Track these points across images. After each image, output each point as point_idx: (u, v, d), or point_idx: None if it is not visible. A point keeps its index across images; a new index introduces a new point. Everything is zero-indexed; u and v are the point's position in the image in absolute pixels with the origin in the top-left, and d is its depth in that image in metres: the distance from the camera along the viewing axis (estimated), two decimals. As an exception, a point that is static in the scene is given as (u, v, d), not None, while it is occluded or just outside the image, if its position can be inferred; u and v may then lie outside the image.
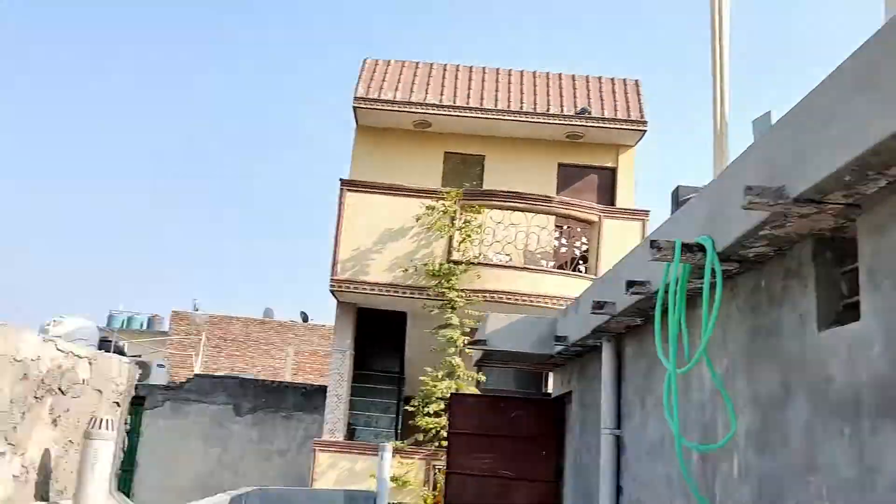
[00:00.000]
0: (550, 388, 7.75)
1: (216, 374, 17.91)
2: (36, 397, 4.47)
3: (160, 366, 19.76)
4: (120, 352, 18.40)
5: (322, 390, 16.21)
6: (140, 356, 19.98)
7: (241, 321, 30.08)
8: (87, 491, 4.55)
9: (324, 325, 29.03)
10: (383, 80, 14.55)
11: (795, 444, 2.62)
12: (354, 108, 13.98)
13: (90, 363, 5.02)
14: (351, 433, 15.07)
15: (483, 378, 8.64)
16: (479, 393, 8.42)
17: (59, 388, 4.68)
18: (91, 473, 4.49)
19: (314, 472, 13.37)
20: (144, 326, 36.41)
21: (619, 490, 4.92)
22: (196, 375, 17.77)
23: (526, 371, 7.73)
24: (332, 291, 12.93)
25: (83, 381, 4.97)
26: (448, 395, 9.90)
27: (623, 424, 4.96)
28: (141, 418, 15.71)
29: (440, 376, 12.30)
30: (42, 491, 4.78)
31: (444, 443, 12.22)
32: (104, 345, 15.99)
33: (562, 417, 7.55)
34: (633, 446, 4.75)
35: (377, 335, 15.28)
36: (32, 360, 4.38)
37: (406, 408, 14.59)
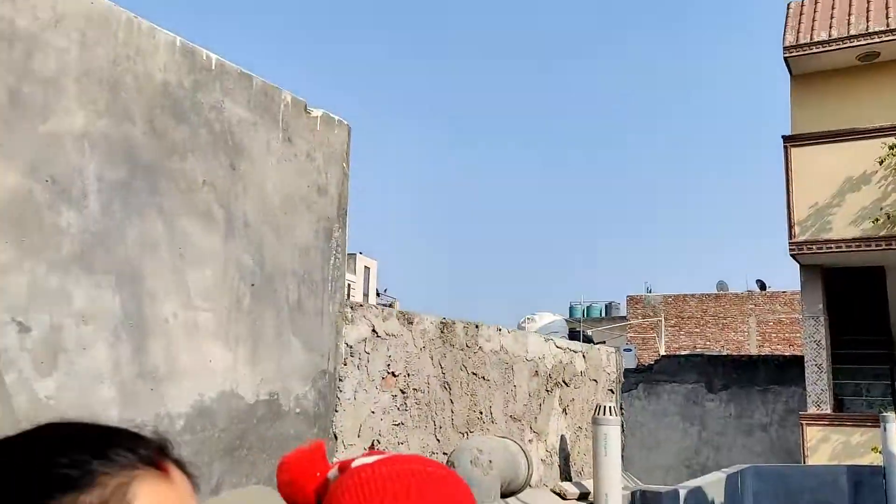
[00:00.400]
0: None
1: (680, 353, 18.04)
2: (546, 390, 5.01)
3: (627, 350, 20.55)
4: (588, 340, 19.54)
5: (795, 361, 15.37)
6: (604, 342, 20.99)
7: (695, 298, 29.84)
8: (602, 471, 4.96)
9: (784, 292, 27.43)
10: (813, 21, 13.35)
11: None
12: (786, 58, 13.05)
13: (584, 356, 5.47)
14: (839, 404, 14.00)
15: None
16: None
17: (563, 381, 5.18)
18: (604, 456, 4.89)
19: (805, 448, 12.72)
20: (603, 314, 38.20)
21: None
22: (662, 356, 18.11)
23: None
24: (792, 255, 12.21)
25: (581, 372, 5.43)
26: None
27: None
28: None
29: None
30: (564, 472, 5.33)
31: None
32: (573, 335, 17.20)
33: None
34: None
35: (850, 295, 14.02)
36: (539, 358, 4.92)
37: (901, 372, 13.06)
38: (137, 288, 2.47)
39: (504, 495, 3.36)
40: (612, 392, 6.02)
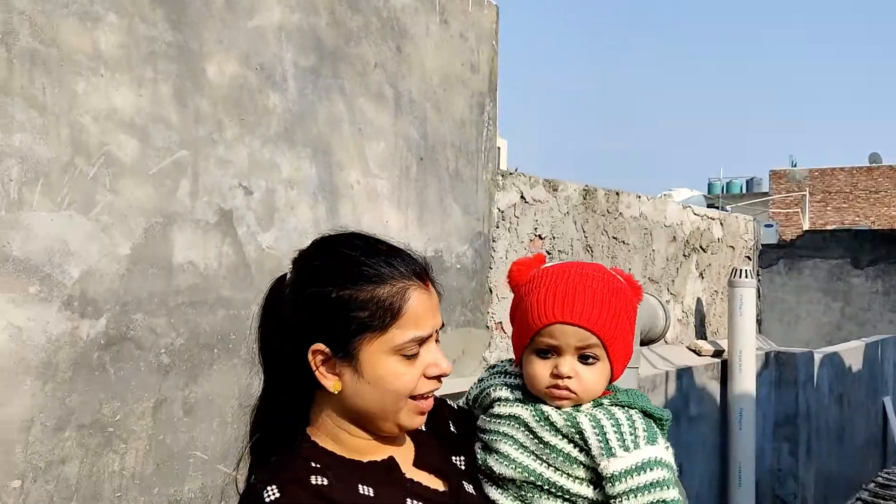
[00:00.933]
0: None
1: (826, 228, 17.48)
2: (684, 255, 5.27)
3: (767, 226, 20.07)
4: (727, 216, 19.11)
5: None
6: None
7: (844, 172, 28.33)
8: (736, 331, 5.23)
9: (945, 163, 25.68)
10: None
11: None
12: None
13: (721, 223, 5.65)
14: None
15: None
16: None
17: (700, 247, 5.41)
18: (739, 317, 5.15)
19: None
20: (743, 190, 36.97)
21: None
22: (806, 232, 17.64)
23: None
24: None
25: (718, 239, 5.62)
26: None
27: None
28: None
29: None
30: (699, 332, 5.64)
31: None
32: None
33: None
34: None
35: None
36: (677, 224, 5.16)
37: None
38: (328, 159, 2.92)
39: (642, 343, 3.73)
40: (749, 259, 6.19)
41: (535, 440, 1.25)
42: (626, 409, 1.26)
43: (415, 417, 1.22)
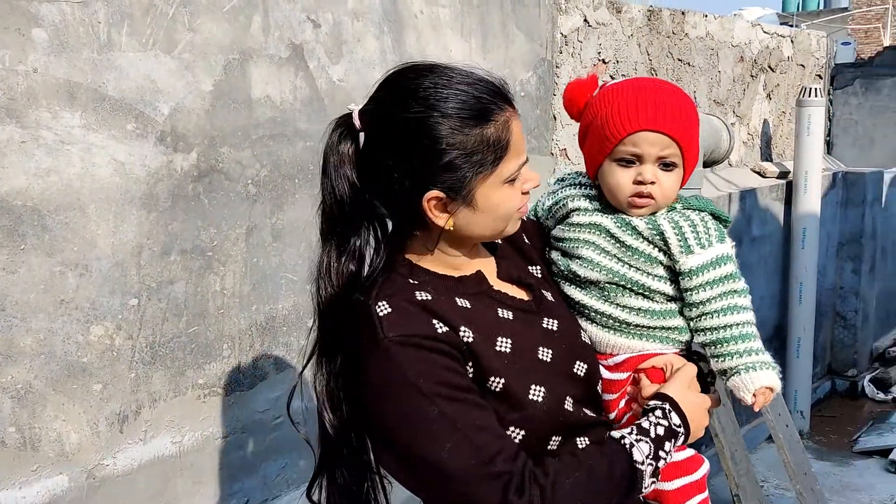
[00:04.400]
0: None
1: (908, 43, 16.46)
2: (751, 75, 5.16)
3: (845, 44, 19.01)
4: (801, 35, 18.16)
5: None
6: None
7: (933, -19, 26.28)
8: (803, 152, 5.19)
9: None
10: None
11: None
12: None
13: (791, 41, 5.47)
14: None
15: None
16: None
17: (769, 66, 5.27)
18: (806, 136, 5.09)
19: None
20: (821, 6, 34.71)
21: None
22: (887, 48, 16.69)
23: None
24: None
25: (787, 58, 5.46)
26: None
27: None
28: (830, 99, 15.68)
29: None
30: (765, 154, 5.61)
31: None
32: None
33: None
34: None
35: None
36: (745, 43, 5.02)
37: None
38: (391, -12, 2.94)
39: (705, 164, 3.78)
40: (820, 78, 6.01)
41: (618, 245, 1.37)
42: (698, 212, 1.37)
43: (517, 224, 1.34)
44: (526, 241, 1.48)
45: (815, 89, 5.11)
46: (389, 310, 1.25)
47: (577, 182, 1.49)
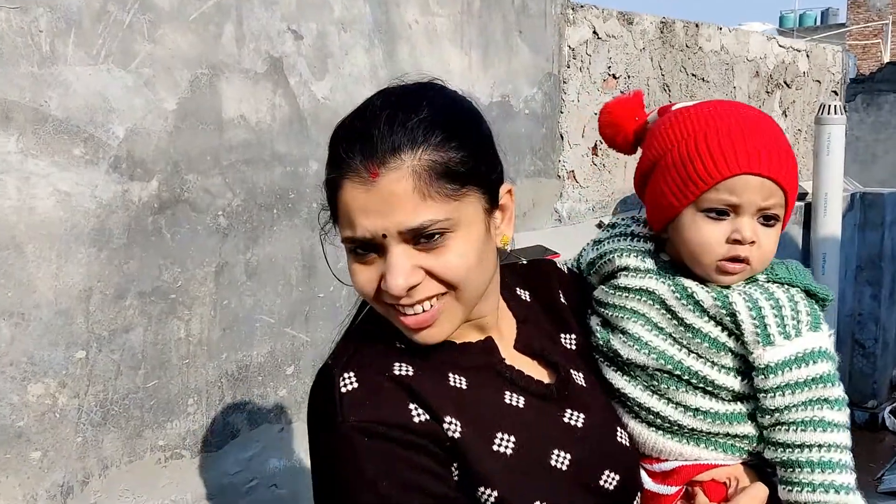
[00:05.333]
0: None
1: (911, 58, 16.27)
2: (766, 91, 4.87)
3: (846, 58, 18.86)
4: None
5: None
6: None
7: (932, -5, 26.19)
8: (822, 172, 4.90)
9: None
10: None
11: None
12: None
13: (807, 55, 5.19)
14: None
15: None
16: None
17: (785, 82, 4.99)
18: (826, 156, 4.80)
19: None
20: (818, 22, 34.68)
21: None
22: (888, 63, 16.51)
23: None
24: None
25: (803, 73, 5.19)
26: None
27: None
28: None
29: None
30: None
31: None
32: (786, 45, 15.92)
33: None
34: None
35: None
36: (760, 58, 4.74)
37: None
38: (383, -5, 2.64)
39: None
40: (836, 94, 5.73)
41: (674, 321, 1.05)
42: (787, 287, 1.04)
43: (388, 310, 0.98)
44: (562, 299, 1.16)
45: (835, 106, 4.82)
46: (356, 385, 0.96)
47: (630, 232, 1.15)
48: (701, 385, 1.04)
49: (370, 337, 1.02)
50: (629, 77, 3.83)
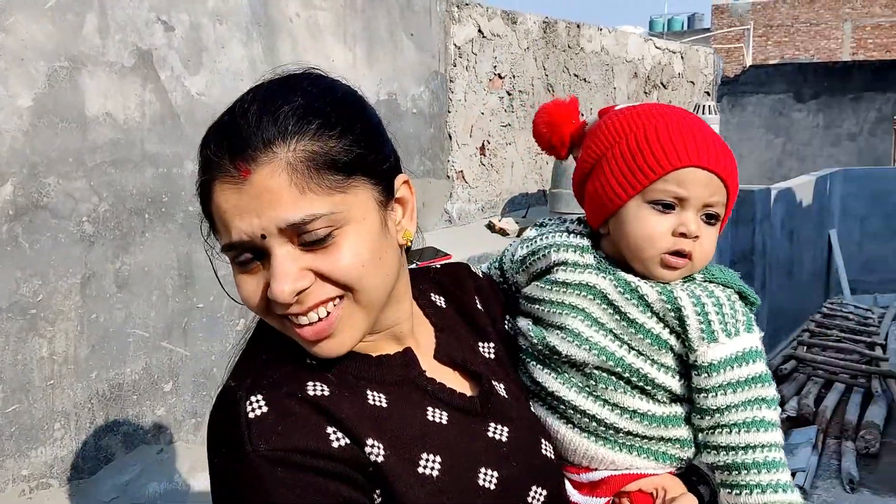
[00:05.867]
0: None
1: (770, 63, 17.30)
2: (644, 92, 5.00)
3: (712, 62, 19.83)
4: (672, 54, 18.81)
5: (893, 65, 14.66)
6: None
7: (786, 4, 27.94)
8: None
9: (886, -8, 25.42)
10: None
11: None
12: None
13: (682, 57, 5.37)
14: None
15: None
16: None
17: (662, 83, 5.14)
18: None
19: (895, 154, 12.52)
20: (685, 27, 36.38)
21: None
22: (750, 67, 17.47)
23: None
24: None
25: (678, 74, 5.36)
26: None
27: None
28: (703, 114, 16.24)
29: None
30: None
31: None
32: (657, 49, 16.58)
33: None
34: None
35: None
36: (638, 59, 4.85)
37: None
38: (261, -13, 2.51)
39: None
40: (709, 94, 5.97)
41: (616, 316, 1.00)
42: (723, 287, 1.01)
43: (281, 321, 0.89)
44: (478, 305, 1.09)
45: (709, 106, 5.01)
46: (265, 409, 0.84)
47: (565, 229, 1.10)
48: (640, 384, 0.99)
49: (276, 353, 0.90)
50: (514, 77, 3.83)
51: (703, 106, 4.99)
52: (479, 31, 3.56)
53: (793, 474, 4.26)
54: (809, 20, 27.38)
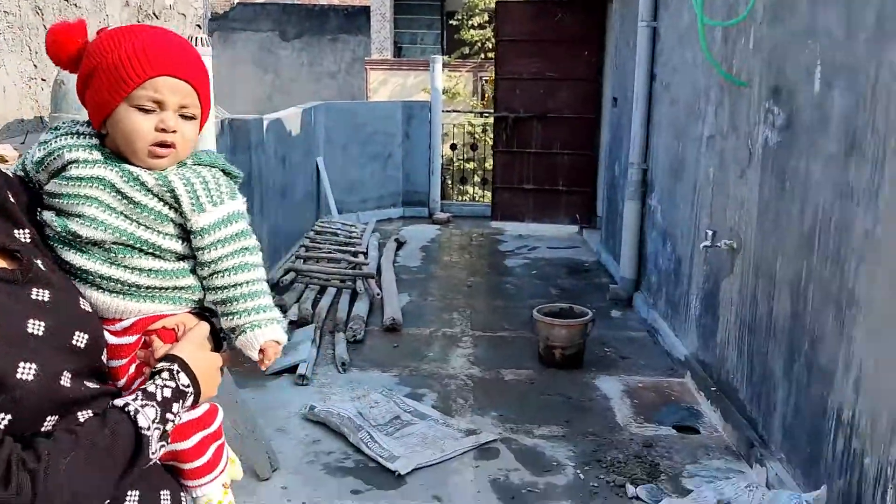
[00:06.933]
0: (592, -8, 8.04)
1: (257, 1, 18.02)
2: (138, 21, 5.07)
3: (201, -4, 19.81)
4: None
5: (364, 11, 16.45)
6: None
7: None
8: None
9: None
10: None
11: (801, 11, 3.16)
12: None
13: (172, -11, 5.52)
14: (398, 51, 15.64)
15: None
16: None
17: (154, 13, 5.25)
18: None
19: (368, 90, 14.25)
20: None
21: (652, 76, 5.58)
22: (238, 4, 17.95)
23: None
24: None
25: (170, 6, 5.51)
26: (493, 6, 10.23)
27: (659, 16, 5.45)
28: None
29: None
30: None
31: (490, 55, 12.74)
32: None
33: (603, 18, 8.01)
34: (666, 36, 5.30)
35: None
36: (129, -13, 4.89)
37: (450, 22, 14.85)
38: None
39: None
40: (200, 27, 6.22)
41: (124, 201, 1.26)
42: (210, 167, 1.32)
43: None
44: (11, 199, 1.25)
45: (202, 38, 5.27)
46: None
47: (75, 131, 1.31)
48: (150, 251, 1.28)
49: None
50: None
51: (196, 38, 5.24)
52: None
53: (297, 366, 4.92)
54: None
